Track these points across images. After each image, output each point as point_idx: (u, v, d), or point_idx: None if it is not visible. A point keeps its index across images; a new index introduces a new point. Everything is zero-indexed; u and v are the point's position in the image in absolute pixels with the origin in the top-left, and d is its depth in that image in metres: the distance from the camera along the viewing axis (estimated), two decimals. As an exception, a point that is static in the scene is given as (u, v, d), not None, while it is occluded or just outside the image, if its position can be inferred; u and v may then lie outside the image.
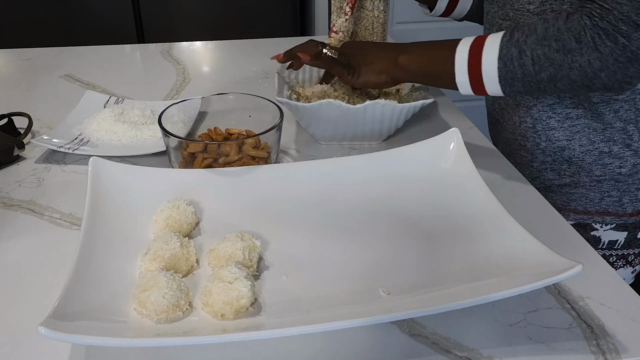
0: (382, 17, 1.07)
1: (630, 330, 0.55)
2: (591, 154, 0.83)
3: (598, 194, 0.86)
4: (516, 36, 0.70)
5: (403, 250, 0.62)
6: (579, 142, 0.83)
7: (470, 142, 0.86)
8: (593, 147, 0.83)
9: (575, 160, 0.84)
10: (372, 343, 0.53)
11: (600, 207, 0.86)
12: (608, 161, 0.83)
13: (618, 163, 0.83)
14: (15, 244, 0.66)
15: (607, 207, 0.86)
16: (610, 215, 0.86)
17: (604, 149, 0.82)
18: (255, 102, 0.81)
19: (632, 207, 0.85)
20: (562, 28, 0.67)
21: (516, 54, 0.69)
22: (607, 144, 0.82)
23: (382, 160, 0.73)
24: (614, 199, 0.85)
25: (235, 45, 1.33)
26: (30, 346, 0.52)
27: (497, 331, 0.54)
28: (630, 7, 0.62)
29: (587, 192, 0.86)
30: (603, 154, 0.83)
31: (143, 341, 0.50)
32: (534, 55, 0.68)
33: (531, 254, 0.56)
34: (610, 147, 0.82)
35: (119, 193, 0.66)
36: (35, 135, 0.90)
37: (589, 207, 0.87)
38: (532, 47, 0.68)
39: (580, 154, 0.84)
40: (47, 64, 1.19)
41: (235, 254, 0.57)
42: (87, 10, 1.98)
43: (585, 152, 0.83)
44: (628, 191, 0.84)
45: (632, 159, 0.83)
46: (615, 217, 0.86)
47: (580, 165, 0.85)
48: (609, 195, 0.85)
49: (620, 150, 0.82)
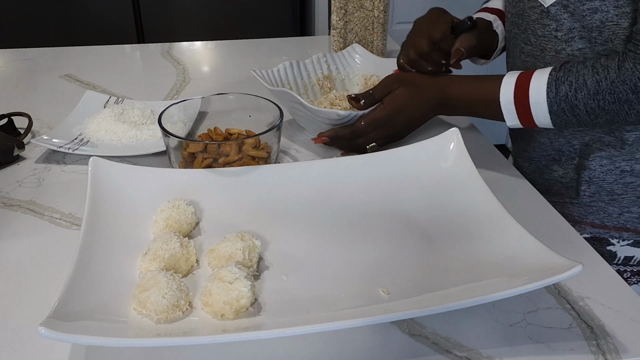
0: (382, 17, 1.08)
1: (630, 330, 0.55)
2: (611, 173, 0.81)
3: (617, 208, 0.83)
4: (563, 90, 0.70)
5: (403, 250, 0.62)
6: (600, 162, 0.81)
7: (470, 142, 0.86)
8: (614, 167, 0.81)
9: (595, 180, 0.82)
10: (372, 343, 0.53)
11: (619, 223, 0.84)
12: (630, 180, 0.81)
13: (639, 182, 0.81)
14: (15, 244, 0.66)
15: (625, 222, 0.84)
16: (628, 231, 0.84)
17: (625, 167, 0.80)
18: (255, 102, 0.81)
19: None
20: (615, 81, 0.67)
21: (568, 108, 0.70)
22: (628, 163, 0.80)
23: (382, 160, 0.73)
24: (634, 215, 0.83)
25: (235, 45, 1.33)
26: (30, 346, 0.52)
27: (497, 331, 0.54)
28: None
29: (606, 206, 0.83)
30: (625, 173, 0.80)
31: (143, 341, 0.50)
32: (588, 108, 0.69)
33: (531, 254, 0.56)
34: (632, 165, 0.80)
35: (119, 193, 0.66)
36: (35, 135, 0.90)
37: (607, 221, 0.84)
38: (585, 102, 0.69)
39: (601, 174, 0.81)
40: (47, 64, 1.19)
41: (235, 254, 0.57)
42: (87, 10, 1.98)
43: (605, 172, 0.81)
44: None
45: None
46: (634, 234, 0.84)
47: (600, 185, 0.82)
48: (628, 211, 0.83)
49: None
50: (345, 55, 1.00)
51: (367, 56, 0.99)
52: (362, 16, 1.07)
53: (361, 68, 0.99)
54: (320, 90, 0.97)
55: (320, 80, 0.97)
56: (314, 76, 0.97)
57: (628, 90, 0.66)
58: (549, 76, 0.72)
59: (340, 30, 1.07)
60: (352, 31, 1.09)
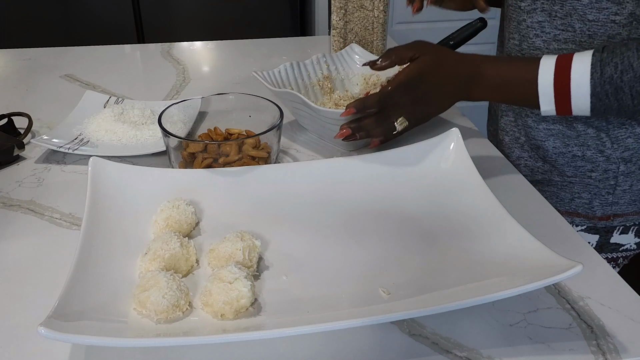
0: (382, 17, 1.07)
1: (630, 330, 0.55)
2: (564, 155, 0.84)
3: (569, 194, 0.87)
4: (609, 72, 0.68)
5: (403, 250, 0.62)
6: (553, 144, 0.85)
7: (470, 142, 0.86)
8: (567, 150, 0.84)
9: (548, 160, 0.86)
10: (372, 343, 0.53)
11: (570, 208, 0.88)
12: (580, 164, 0.84)
13: (590, 167, 0.84)
14: (15, 244, 0.66)
15: (577, 207, 0.87)
16: (579, 217, 0.88)
17: (577, 152, 0.84)
18: (255, 102, 0.81)
19: (601, 211, 0.86)
20: None
21: (612, 91, 0.68)
22: (580, 148, 0.83)
23: (382, 160, 0.73)
24: (584, 201, 0.87)
25: (235, 45, 1.33)
26: (30, 346, 0.52)
27: (497, 331, 0.54)
28: None
29: (558, 191, 0.87)
30: (576, 158, 0.84)
31: (143, 341, 0.50)
32: (634, 92, 0.68)
33: (531, 254, 0.56)
34: (584, 151, 0.83)
35: (119, 193, 0.66)
36: (35, 135, 0.90)
37: (559, 206, 0.88)
38: (631, 85, 0.68)
39: (554, 155, 0.85)
40: (47, 64, 1.19)
41: (235, 254, 0.57)
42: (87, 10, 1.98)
43: (558, 154, 0.85)
44: (599, 194, 0.85)
45: (604, 164, 0.83)
46: (585, 219, 0.87)
47: (552, 165, 0.86)
48: (579, 196, 0.86)
49: (593, 155, 0.83)
50: (344, 56, 1.00)
51: (367, 56, 0.99)
52: (362, 16, 1.07)
53: (361, 68, 0.99)
54: (321, 90, 0.97)
55: (321, 80, 0.97)
56: (314, 77, 0.97)
57: None
58: (593, 57, 0.69)
59: (340, 30, 1.07)
60: (352, 31, 1.09)
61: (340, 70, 0.99)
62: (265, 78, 0.89)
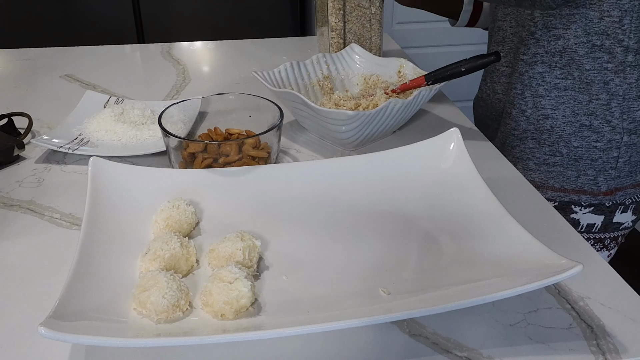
0: (378, 14, 1.08)
1: (630, 330, 0.55)
2: (572, 125, 0.88)
3: (574, 172, 0.90)
4: None
5: (403, 250, 0.62)
6: (563, 113, 0.88)
7: (470, 142, 0.86)
8: (575, 119, 0.87)
9: (556, 130, 0.89)
10: (372, 343, 0.53)
11: (577, 185, 0.91)
12: (587, 134, 0.87)
13: (595, 137, 0.87)
14: (15, 244, 0.66)
15: (582, 185, 0.90)
16: (585, 194, 0.91)
17: (585, 122, 0.87)
18: (255, 102, 0.81)
19: (606, 185, 0.90)
20: None
21: None
22: (588, 118, 0.87)
23: (382, 160, 0.73)
24: (590, 178, 0.90)
25: (235, 45, 1.33)
26: (30, 346, 0.52)
27: (497, 331, 0.54)
28: None
29: (564, 170, 0.90)
30: (583, 127, 0.87)
31: (143, 341, 0.50)
32: None
33: (531, 254, 0.56)
34: (591, 121, 0.87)
35: (119, 193, 0.66)
36: (35, 135, 0.90)
37: (566, 184, 0.91)
38: None
39: (562, 124, 0.88)
40: (47, 64, 1.19)
41: (235, 254, 0.57)
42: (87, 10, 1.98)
43: (566, 123, 0.88)
44: (603, 170, 0.89)
45: (609, 134, 0.87)
46: (591, 196, 0.90)
47: (560, 135, 0.89)
48: (585, 173, 0.89)
49: (600, 125, 0.87)
50: (344, 56, 1.00)
51: (366, 56, 0.99)
52: (360, 15, 1.07)
53: (360, 68, 0.99)
54: (321, 90, 0.97)
55: (320, 80, 0.97)
56: (314, 77, 0.97)
57: None
58: None
59: (340, 31, 1.07)
60: (351, 31, 1.09)
61: (340, 70, 0.99)
62: (265, 78, 0.89)
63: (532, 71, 0.90)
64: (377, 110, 0.78)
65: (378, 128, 0.83)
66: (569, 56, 0.86)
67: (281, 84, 0.92)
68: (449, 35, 2.18)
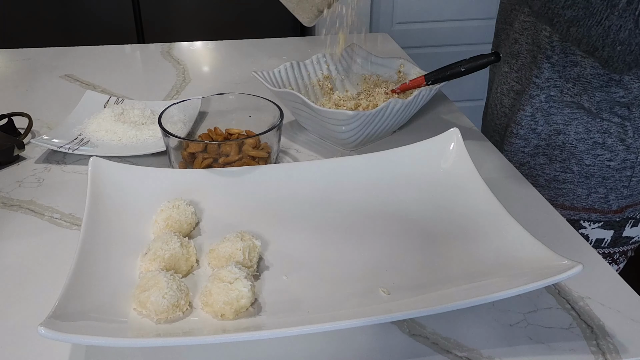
0: None
1: (630, 330, 0.55)
2: (585, 142, 0.85)
3: (585, 190, 0.87)
4: None
5: (403, 250, 0.62)
6: (575, 129, 0.85)
7: (470, 142, 0.86)
8: (588, 137, 0.84)
9: (568, 147, 0.86)
10: (372, 343, 0.53)
11: (587, 204, 0.88)
12: (600, 152, 0.85)
13: (609, 156, 0.85)
14: (15, 244, 0.66)
15: (593, 203, 0.88)
16: (596, 212, 0.88)
17: (598, 139, 0.84)
18: (255, 102, 0.81)
19: (617, 204, 0.87)
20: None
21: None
22: (602, 135, 0.84)
23: (382, 160, 0.73)
24: (601, 196, 0.87)
25: (235, 45, 1.33)
26: (30, 346, 0.52)
27: (497, 331, 0.54)
28: None
29: (575, 187, 0.88)
30: (596, 145, 0.85)
31: (143, 341, 0.50)
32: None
33: (531, 254, 0.56)
34: (605, 138, 0.84)
35: (119, 193, 0.66)
36: (35, 135, 0.90)
37: (576, 202, 0.89)
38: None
39: (575, 140, 0.85)
40: (47, 64, 1.19)
41: (235, 254, 0.57)
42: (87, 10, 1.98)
43: (579, 140, 0.85)
44: (615, 188, 0.86)
45: (623, 154, 0.84)
46: (601, 215, 0.88)
47: (572, 152, 0.86)
48: (595, 191, 0.87)
49: (614, 143, 0.84)
50: (344, 56, 1.00)
51: (367, 56, 0.99)
52: None
53: (361, 68, 0.99)
54: (321, 90, 0.97)
55: (321, 80, 0.97)
56: (314, 77, 0.97)
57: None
58: None
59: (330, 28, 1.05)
60: None
61: (340, 70, 0.99)
62: (265, 78, 0.89)
63: (544, 95, 0.86)
64: (377, 110, 0.78)
65: (378, 128, 0.83)
66: (582, 86, 0.82)
67: (281, 84, 0.92)
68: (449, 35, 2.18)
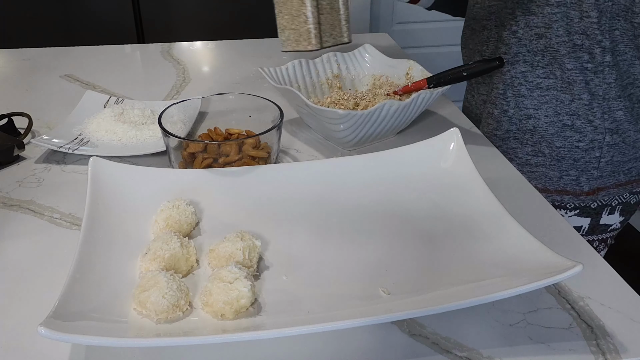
0: None
1: (630, 330, 0.55)
2: (554, 125, 0.88)
3: (557, 172, 0.91)
4: None
5: (403, 250, 0.62)
6: (545, 113, 0.88)
7: (470, 142, 0.86)
8: (557, 119, 0.88)
9: (538, 130, 0.89)
10: (372, 343, 0.53)
11: (559, 186, 0.91)
12: (569, 134, 0.88)
13: (578, 137, 0.88)
14: (15, 244, 0.66)
15: (565, 185, 0.91)
16: (568, 194, 0.91)
17: (567, 121, 0.87)
18: (255, 102, 0.81)
19: (588, 185, 0.90)
20: None
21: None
22: (570, 118, 0.87)
23: (382, 160, 0.73)
24: (572, 178, 0.90)
25: (235, 45, 1.33)
26: (30, 346, 0.52)
27: (497, 331, 0.54)
28: None
29: (547, 170, 0.91)
30: (565, 127, 0.88)
31: (143, 341, 0.50)
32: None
33: (531, 254, 0.56)
34: (574, 120, 0.87)
35: (119, 193, 0.66)
36: (35, 135, 0.90)
37: (549, 185, 0.92)
38: None
39: (545, 124, 0.88)
40: (47, 64, 1.19)
41: (235, 254, 0.57)
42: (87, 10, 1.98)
43: (549, 123, 0.88)
44: (585, 170, 0.89)
45: (591, 134, 0.87)
46: (573, 197, 0.91)
47: (542, 135, 0.89)
48: (567, 174, 0.90)
49: (583, 125, 0.87)
50: (355, 55, 1.00)
51: (377, 56, 0.99)
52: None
53: (371, 68, 0.99)
54: (329, 89, 0.96)
55: (329, 79, 0.97)
56: (323, 75, 0.97)
57: None
58: None
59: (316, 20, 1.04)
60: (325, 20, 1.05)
61: (351, 69, 0.99)
62: (271, 75, 0.89)
63: (514, 70, 0.90)
64: (370, 110, 0.78)
65: (376, 129, 0.83)
66: (551, 55, 0.86)
67: (287, 81, 0.92)
68: (449, 35, 2.18)
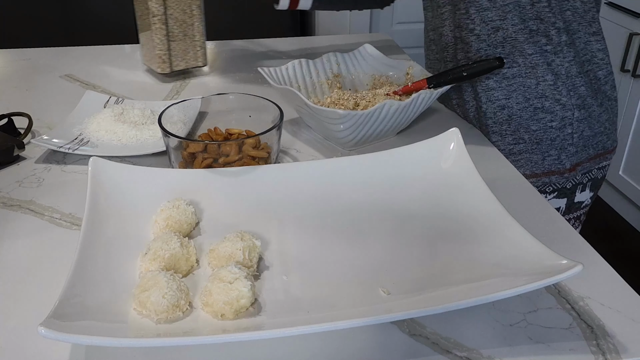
0: None
1: (630, 330, 0.55)
2: (527, 110, 0.90)
3: (540, 155, 0.92)
4: None
5: (403, 250, 0.62)
6: (516, 100, 0.90)
7: (470, 142, 0.86)
8: (528, 104, 0.90)
9: (514, 118, 0.91)
10: (372, 343, 0.53)
11: (545, 168, 0.93)
12: (541, 116, 0.90)
13: (550, 117, 0.90)
14: (15, 244, 0.66)
15: (550, 166, 0.92)
16: (554, 174, 0.93)
17: (537, 104, 0.90)
18: (255, 102, 0.81)
19: (569, 162, 0.92)
20: None
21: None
22: (539, 100, 0.89)
23: (382, 160, 0.73)
24: (554, 158, 0.92)
25: (235, 45, 1.33)
26: (30, 346, 0.52)
27: (497, 331, 0.54)
28: None
29: (530, 155, 0.92)
30: (537, 110, 0.90)
31: (143, 341, 0.50)
32: None
33: (531, 254, 0.56)
34: (543, 102, 0.89)
35: (119, 193, 0.66)
36: (35, 135, 0.90)
37: (536, 169, 0.93)
38: None
39: (518, 111, 0.90)
40: (47, 64, 1.19)
41: (235, 254, 0.57)
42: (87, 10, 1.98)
43: (522, 109, 0.90)
44: (563, 147, 0.92)
45: (561, 112, 0.90)
46: (559, 176, 0.93)
47: (519, 123, 0.91)
48: (548, 154, 0.92)
49: (552, 105, 0.89)
50: (355, 55, 1.00)
51: (377, 56, 0.99)
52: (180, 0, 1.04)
53: (371, 68, 0.99)
54: (329, 89, 0.96)
55: (330, 79, 0.97)
56: (323, 75, 0.96)
57: None
58: None
59: (161, 17, 1.04)
60: (172, 16, 1.05)
61: (351, 69, 0.99)
62: (270, 75, 0.89)
63: None
64: (370, 110, 0.78)
65: (375, 129, 0.83)
66: (511, 44, 0.88)
67: (287, 81, 0.92)
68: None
